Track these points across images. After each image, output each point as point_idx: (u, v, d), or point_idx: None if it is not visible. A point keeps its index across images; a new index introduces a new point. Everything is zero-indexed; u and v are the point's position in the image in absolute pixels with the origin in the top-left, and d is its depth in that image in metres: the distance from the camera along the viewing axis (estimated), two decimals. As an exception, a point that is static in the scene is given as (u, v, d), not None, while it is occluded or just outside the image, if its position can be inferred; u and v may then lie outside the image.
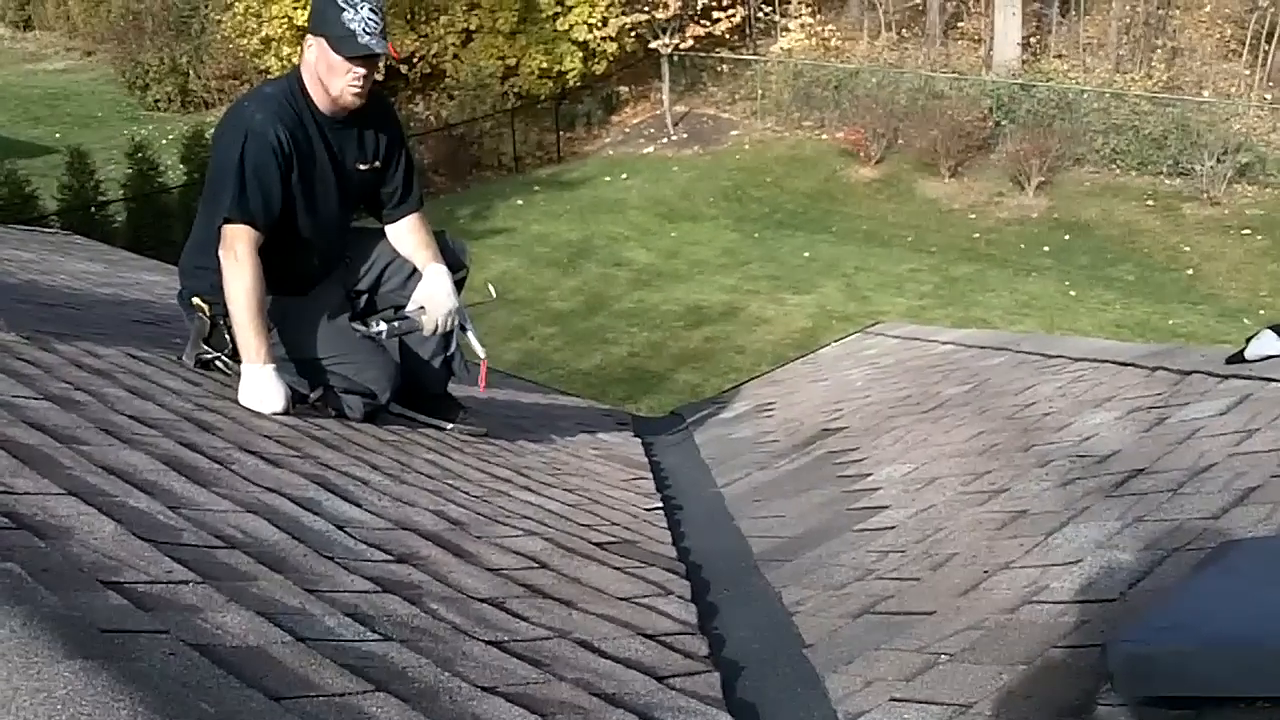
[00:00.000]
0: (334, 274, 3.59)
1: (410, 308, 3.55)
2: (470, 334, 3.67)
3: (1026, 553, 2.37)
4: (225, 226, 3.23)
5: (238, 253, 3.21)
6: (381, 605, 1.88)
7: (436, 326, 3.52)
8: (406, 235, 3.65)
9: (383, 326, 3.53)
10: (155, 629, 1.49)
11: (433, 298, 3.52)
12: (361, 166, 3.53)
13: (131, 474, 2.18)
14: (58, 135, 24.78)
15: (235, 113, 3.40)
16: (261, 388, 3.22)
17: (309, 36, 3.36)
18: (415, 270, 3.60)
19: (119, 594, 1.58)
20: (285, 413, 3.22)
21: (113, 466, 2.19)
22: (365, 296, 3.70)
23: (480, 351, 3.70)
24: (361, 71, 3.29)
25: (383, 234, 3.68)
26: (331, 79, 3.30)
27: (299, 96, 3.36)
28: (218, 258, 3.28)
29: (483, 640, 1.84)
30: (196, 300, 3.46)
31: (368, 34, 3.24)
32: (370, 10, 3.25)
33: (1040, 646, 1.88)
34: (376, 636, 1.73)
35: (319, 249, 3.53)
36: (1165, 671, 1.55)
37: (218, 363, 3.48)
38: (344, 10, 3.23)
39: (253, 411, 3.15)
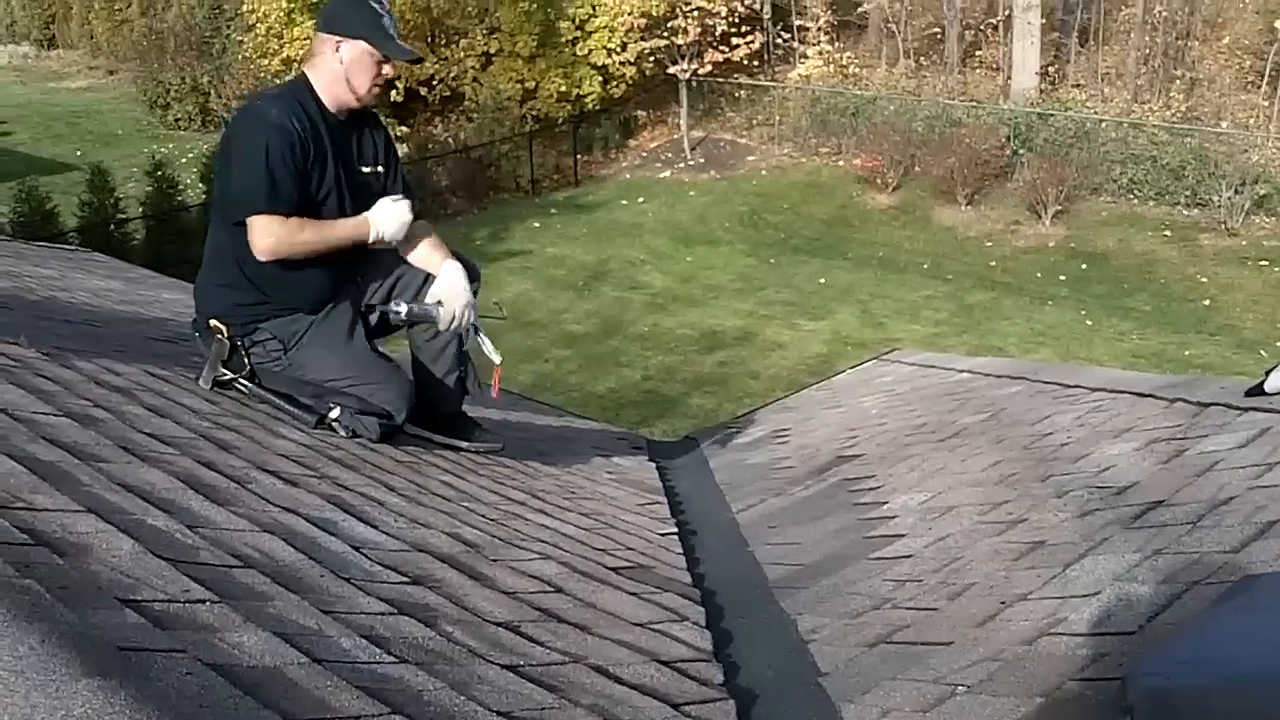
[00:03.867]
0: (346, 294, 3.59)
1: (428, 301, 3.58)
2: (483, 337, 3.68)
3: (1044, 584, 2.36)
4: (257, 218, 3.27)
5: (280, 229, 3.29)
6: (397, 627, 1.88)
7: (453, 318, 3.55)
8: (419, 241, 3.68)
9: (403, 307, 3.58)
10: (172, 648, 1.49)
11: (450, 290, 3.56)
12: (365, 169, 3.58)
13: (150, 492, 2.18)
14: (79, 153, 24.97)
15: (250, 112, 3.48)
16: (389, 213, 3.46)
17: (335, 37, 3.40)
18: (427, 280, 3.63)
19: (137, 612, 1.58)
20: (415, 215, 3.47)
21: (131, 484, 2.19)
22: (377, 311, 3.70)
23: (495, 357, 3.70)
24: (389, 72, 3.46)
25: (393, 251, 3.70)
26: (360, 78, 3.41)
27: (308, 97, 3.42)
28: (237, 274, 3.34)
29: (498, 664, 1.83)
30: (214, 322, 3.46)
31: (402, 39, 3.44)
32: (392, 18, 3.45)
33: (1058, 679, 1.87)
34: (392, 659, 1.72)
35: (329, 257, 3.51)
36: (1186, 707, 1.54)
37: (236, 384, 3.49)
38: (381, 16, 3.39)
39: (270, 431, 3.15)
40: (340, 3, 3.50)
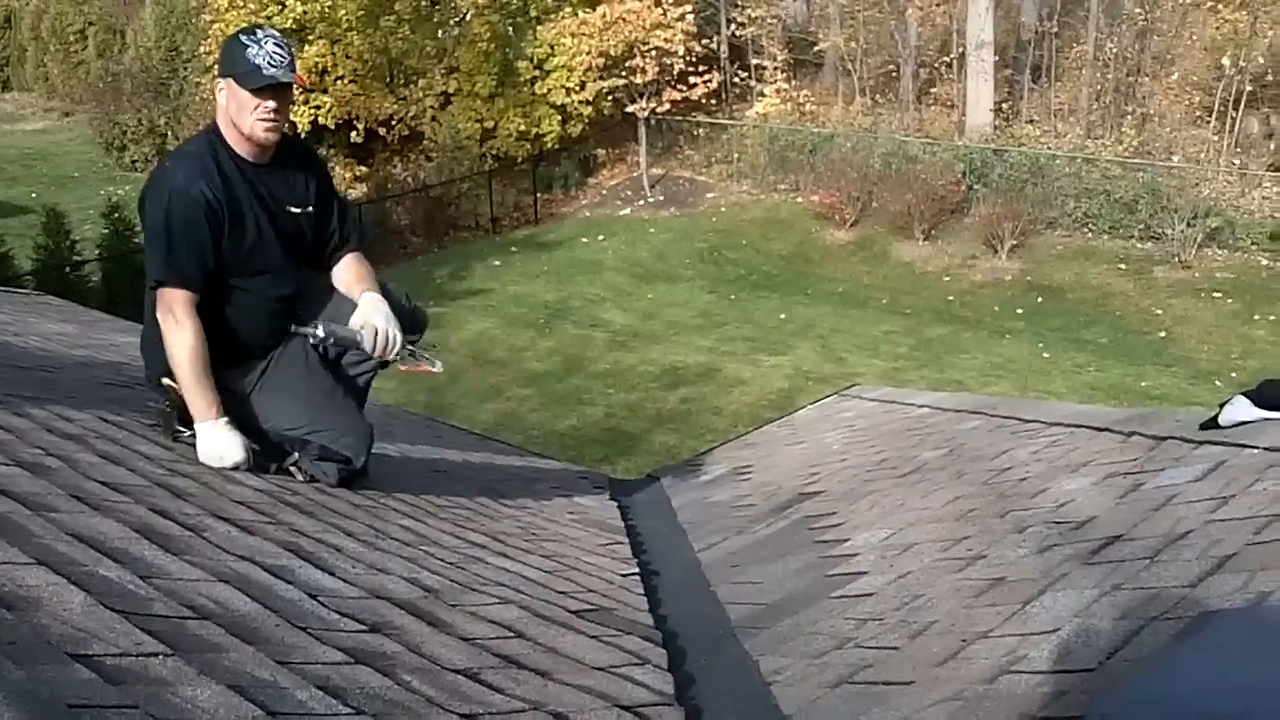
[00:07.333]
0: (294, 341, 3.52)
1: (351, 325, 3.48)
2: (419, 349, 3.63)
3: (1005, 621, 2.36)
4: (160, 290, 3.23)
5: (176, 315, 3.20)
6: (354, 677, 1.85)
7: (376, 334, 3.43)
8: (343, 273, 3.62)
9: (321, 328, 3.46)
10: (124, 704, 1.47)
11: (368, 322, 3.45)
12: (294, 209, 3.48)
13: (102, 542, 2.15)
14: (34, 195, 24.75)
15: (158, 175, 3.37)
16: (218, 443, 3.22)
17: (219, 82, 3.33)
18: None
19: (88, 667, 1.55)
20: (247, 464, 3.22)
21: (83, 534, 2.16)
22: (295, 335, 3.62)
23: (436, 366, 3.68)
24: (271, 105, 3.26)
25: (328, 284, 3.63)
26: (242, 117, 3.27)
27: (220, 148, 3.33)
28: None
29: (456, 713, 1.81)
30: (166, 381, 3.37)
31: (273, 66, 3.23)
32: (275, 45, 3.26)
33: (1019, 718, 1.86)
34: (349, 710, 1.70)
35: (270, 300, 3.46)
36: (1145, 745, 1.54)
37: (192, 439, 3.45)
38: (248, 47, 3.23)
39: (226, 476, 3.12)
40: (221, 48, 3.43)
